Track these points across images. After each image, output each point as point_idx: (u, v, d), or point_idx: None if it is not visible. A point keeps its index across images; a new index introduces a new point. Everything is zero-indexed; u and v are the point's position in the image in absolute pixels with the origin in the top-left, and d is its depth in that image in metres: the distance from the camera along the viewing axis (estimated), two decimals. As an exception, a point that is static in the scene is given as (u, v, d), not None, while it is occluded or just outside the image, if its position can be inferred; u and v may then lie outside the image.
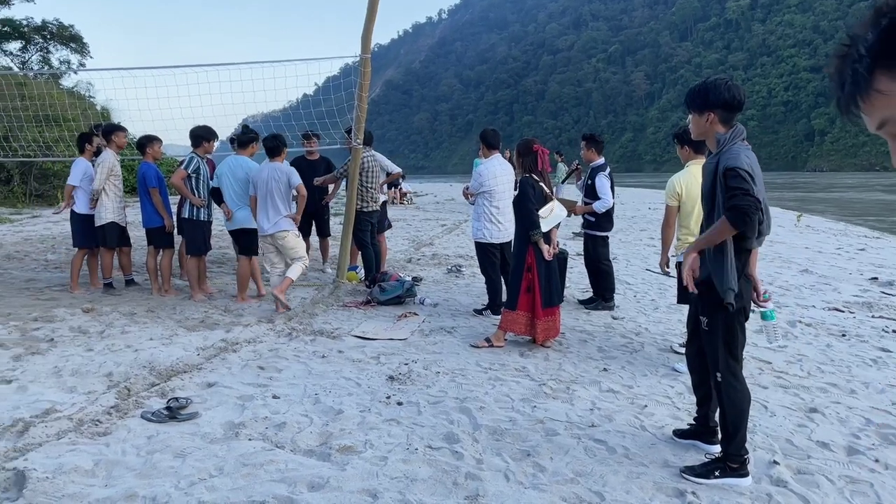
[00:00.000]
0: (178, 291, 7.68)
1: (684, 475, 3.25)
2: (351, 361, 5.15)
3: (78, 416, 3.89)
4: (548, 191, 5.70)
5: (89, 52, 42.05)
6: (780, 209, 21.93)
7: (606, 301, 7.16)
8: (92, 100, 30.51)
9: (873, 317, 6.75)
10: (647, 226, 16.54)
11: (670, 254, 5.45)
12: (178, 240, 7.76)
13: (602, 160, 7.20)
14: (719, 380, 3.25)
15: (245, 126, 8.08)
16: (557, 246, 5.77)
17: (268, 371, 4.88)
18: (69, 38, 41.03)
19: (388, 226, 9.37)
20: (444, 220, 18.17)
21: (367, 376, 4.79)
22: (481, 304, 7.09)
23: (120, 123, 8.69)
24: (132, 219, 9.06)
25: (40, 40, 40.94)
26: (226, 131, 7.61)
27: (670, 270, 5.67)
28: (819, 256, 11.08)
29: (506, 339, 5.71)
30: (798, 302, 7.44)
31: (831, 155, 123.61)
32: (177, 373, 4.80)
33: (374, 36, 7.84)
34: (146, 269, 7.81)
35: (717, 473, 3.20)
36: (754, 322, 3.36)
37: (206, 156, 7.50)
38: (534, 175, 5.63)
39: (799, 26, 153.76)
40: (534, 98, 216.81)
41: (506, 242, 6.67)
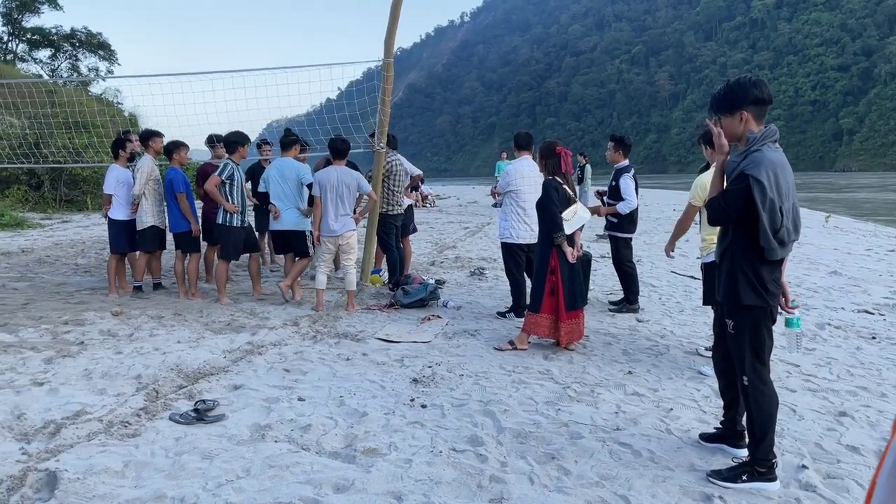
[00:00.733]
0: (204, 295, 7.78)
1: (711, 479, 3.22)
2: (375, 364, 5.18)
3: (108, 418, 3.96)
4: (571, 193, 5.69)
5: (117, 59, 42.95)
6: (808, 210, 21.58)
7: (631, 303, 7.12)
8: (120, 106, 31.02)
9: (905, 319, 6.63)
10: (671, 228, 16.29)
11: (696, 256, 5.40)
12: (203, 245, 7.88)
13: (626, 162, 7.20)
14: (746, 384, 3.21)
15: (287, 129, 8.22)
16: (581, 248, 5.75)
17: (293, 373, 4.92)
18: (97, 45, 41.92)
19: (414, 229, 9.38)
20: (466, 223, 18.14)
21: (392, 379, 4.81)
22: (504, 306, 7.09)
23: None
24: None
25: (69, 48, 41.86)
26: (250, 136, 7.71)
27: (673, 255, 6.19)
28: (848, 258, 10.89)
29: (529, 342, 5.70)
30: (827, 304, 7.33)
31: (860, 154, 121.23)
32: (204, 375, 4.86)
33: (396, 40, 7.89)
34: (174, 272, 7.92)
35: (744, 477, 3.17)
36: (777, 327, 3.32)
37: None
38: (557, 177, 5.62)
39: (826, 24, 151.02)
40: (556, 100, 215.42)
41: (532, 244, 6.66)
